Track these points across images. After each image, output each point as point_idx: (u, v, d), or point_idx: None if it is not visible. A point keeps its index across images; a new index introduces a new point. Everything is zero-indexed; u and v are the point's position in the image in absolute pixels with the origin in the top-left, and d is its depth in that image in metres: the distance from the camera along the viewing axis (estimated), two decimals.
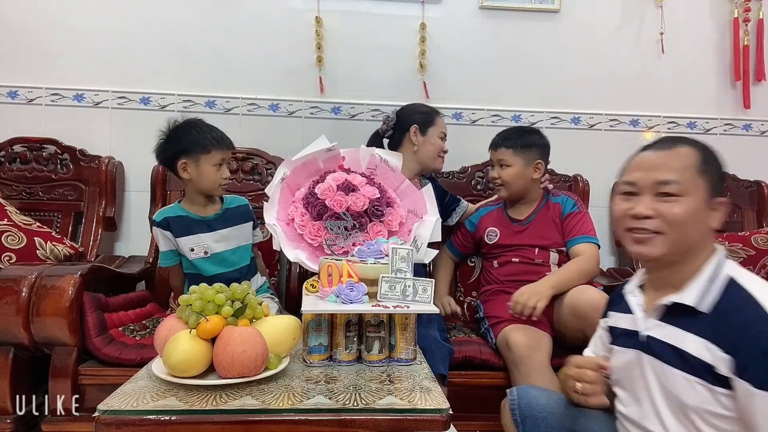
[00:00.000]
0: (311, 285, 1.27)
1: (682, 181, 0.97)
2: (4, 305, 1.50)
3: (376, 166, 1.63)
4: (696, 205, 0.97)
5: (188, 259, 1.74)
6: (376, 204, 1.52)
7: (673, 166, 0.98)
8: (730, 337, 0.89)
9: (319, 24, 2.37)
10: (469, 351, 1.69)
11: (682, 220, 0.96)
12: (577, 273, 1.72)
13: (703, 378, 0.91)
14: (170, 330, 1.08)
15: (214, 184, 1.71)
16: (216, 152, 1.68)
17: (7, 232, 1.92)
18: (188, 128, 1.70)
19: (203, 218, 1.75)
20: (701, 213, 0.97)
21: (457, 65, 2.44)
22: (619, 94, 2.50)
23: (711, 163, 0.99)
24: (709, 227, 0.99)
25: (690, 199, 0.97)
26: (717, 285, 0.96)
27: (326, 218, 1.48)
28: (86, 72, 2.31)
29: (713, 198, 0.98)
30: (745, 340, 0.87)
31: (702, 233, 0.99)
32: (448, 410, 0.97)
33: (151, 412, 0.93)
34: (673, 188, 0.97)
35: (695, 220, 0.97)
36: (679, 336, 0.96)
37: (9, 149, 2.21)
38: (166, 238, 1.73)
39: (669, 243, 0.98)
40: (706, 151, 1.01)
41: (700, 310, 0.94)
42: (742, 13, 2.48)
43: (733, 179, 2.42)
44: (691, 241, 0.99)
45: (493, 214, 1.99)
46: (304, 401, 0.98)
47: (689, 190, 0.97)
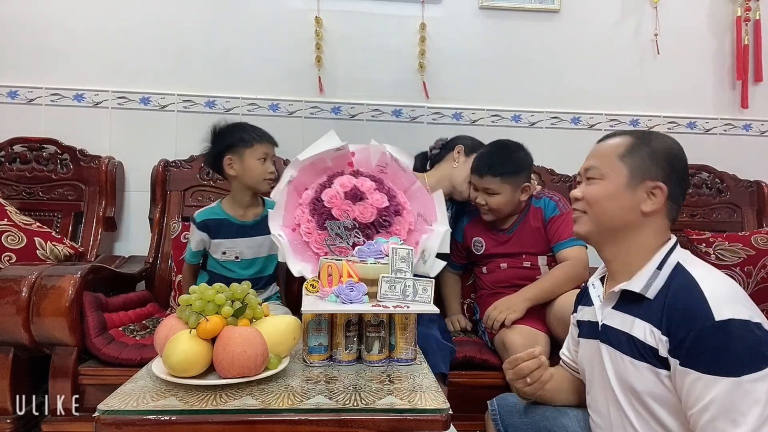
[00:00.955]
0: (311, 285, 1.27)
1: (601, 166, 1.07)
2: (4, 305, 1.50)
3: (387, 164, 1.58)
4: (613, 187, 1.05)
5: (216, 260, 1.77)
6: (384, 214, 1.49)
7: (598, 154, 1.10)
8: (669, 320, 0.93)
9: (318, 24, 2.37)
10: (469, 351, 1.70)
11: (596, 200, 1.06)
12: (563, 280, 1.69)
13: (649, 362, 0.96)
14: (170, 330, 1.08)
15: (259, 178, 1.73)
16: (258, 146, 1.73)
17: (7, 232, 1.92)
18: (231, 128, 1.77)
19: (242, 223, 1.78)
20: (620, 194, 1.04)
21: (457, 65, 2.44)
22: (618, 94, 2.50)
23: (641, 149, 1.05)
24: (638, 211, 1.04)
25: (607, 181, 1.06)
26: (664, 272, 1.00)
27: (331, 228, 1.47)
28: (86, 72, 2.31)
29: (640, 182, 1.03)
30: (680, 321, 0.92)
31: (626, 214, 1.04)
32: (448, 410, 0.97)
33: (151, 412, 0.93)
34: (594, 173, 1.08)
35: (613, 200, 1.05)
36: (629, 322, 1.01)
37: (9, 149, 2.21)
38: (201, 239, 1.76)
39: (590, 221, 1.08)
40: (641, 140, 1.07)
41: (646, 296, 0.99)
42: (744, 12, 2.48)
43: (733, 179, 2.42)
44: (615, 221, 1.05)
45: (478, 223, 1.92)
46: (304, 401, 0.98)
47: (607, 174, 1.06)
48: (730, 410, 0.85)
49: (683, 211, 2.38)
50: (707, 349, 0.88)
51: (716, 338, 0.88)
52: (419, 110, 2.44)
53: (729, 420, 0.85)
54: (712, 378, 0.87)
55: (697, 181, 2.42)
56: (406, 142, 2.37)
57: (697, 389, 0.88)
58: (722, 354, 0.87)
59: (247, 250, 1.77)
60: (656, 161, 1.04)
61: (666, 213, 1.06)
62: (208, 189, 2.24)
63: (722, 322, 0.87)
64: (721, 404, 0.86)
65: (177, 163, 2.25)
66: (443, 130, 2.44)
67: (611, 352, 1.04)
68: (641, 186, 1.04)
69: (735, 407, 0.85)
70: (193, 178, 2.24)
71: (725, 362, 0.87)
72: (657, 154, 1.04)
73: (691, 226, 2.31)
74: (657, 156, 1.04)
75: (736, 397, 0.85)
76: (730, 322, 0.87)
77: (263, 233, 1.75)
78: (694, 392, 0.89)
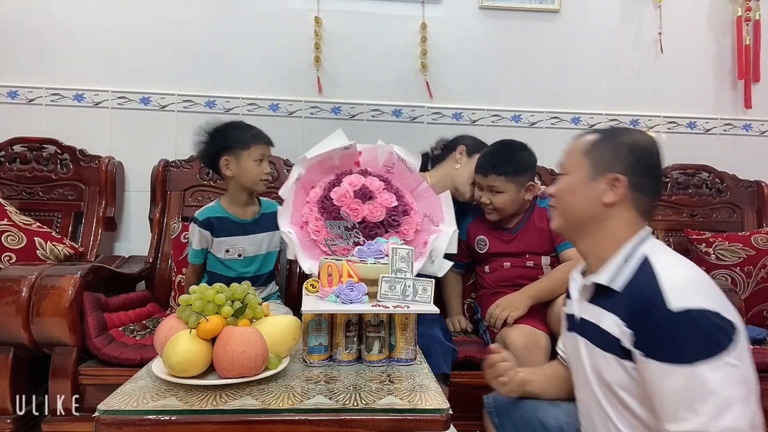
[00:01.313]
0: (311, 285, 1.27)
1: (567, 162, 1.13)
2: (4, 305, 1.50)
3: (394, 164, 1.58)
4: (575, 180, 1.09)
5: (219, 259, 1.78)
6: (392, 214, 1.49)
7: (567, 151, 1.14)
8: (631, 312, 0.96)
9: (318, 24, 2.37)
10: (469, 351, 1.70)
11: (560, 194, 1.12)
12: (564, 279, 1.66)
13: (616, 354, 0.98)
14: (170, 330, 1.08)
15: (256, 179, 1.75)
16: (255, 147, 1.74)
17: (7, 232, 1.92)
18: (228, 128, 1.77)
19: (242, 221, 1.80)
20: (582, 187, 1.07)
21: (457, 65, 2.44)
22: (619, 94, 2.50)
23: (605, 144, 1.08)
24: (599, 202, 1.06)
25: (570, 176, 1.10)
26: (631, 264, 1.01)
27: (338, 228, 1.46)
28: (86, 72, 2.32)
29: (601, 174, 1.06)
30: (639, 313, 0.94)
31: (589, 206, 1.07)
32: (448, 410, 0.97)
33: (151, 412, 0.93)
34: (562, 169, 1.14)
35: (576, 193, 1.08)
36: (599, 315, 1.03)
37: (9, 149, 2.21)
38: (202, 237, 1.76)
39: (559, 215, 1.13)
40: (606, 136, 1.09)
41: (613, 288, 1.01)
42: (744, 12, 2.48)
43: (733, 179, 2.42)
44: (579, 213, 1.09)
45: (482, 222, 1.91)
46: (304, 401, 0.98)
47: (571, 170, 1.11)
48: (688, 398, 0.87)
49: (683, 211, 2.39)
50: (665, 339, 0.90)
51: (672, 328, 0.90)
52: (419, 110, 2.44)
53: (687, 408, 0.87)
54: (670, 367, 0.89)
55: (697, 181, 2.42)
56: (406, 142, 2.36)
57: (658, 379, 0.90)
58: (679, 344, 0.89)
59: (249, 248, 1.79)
60: (617, 154, 1.06)
61: (633, 205, 1.06)
62: (208, 189, 2.24)
63: (678, 313, 0.89)
64: (680, 393, 0.88)
65: (177, 163, 2.25)
66: (443, 130, 2.44)
67: (587, 344, 1.06)
68: (602, 178, 1.06)
69: (693, 396, 0.87)
70: (193, 178, 2.24)
71: (681, 352, 0.88)
72: (619, 148, 1.07)
73: (691, 226, 2.31)
74: (618, 149, 1.07)
75: (693, 385, 0.87)
76: (685, 312, 0.89)
77: (262, 230, 1.81)
78: (656, 382, 0.91)
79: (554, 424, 1.14)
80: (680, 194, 2.41)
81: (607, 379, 1.00)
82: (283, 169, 2.30)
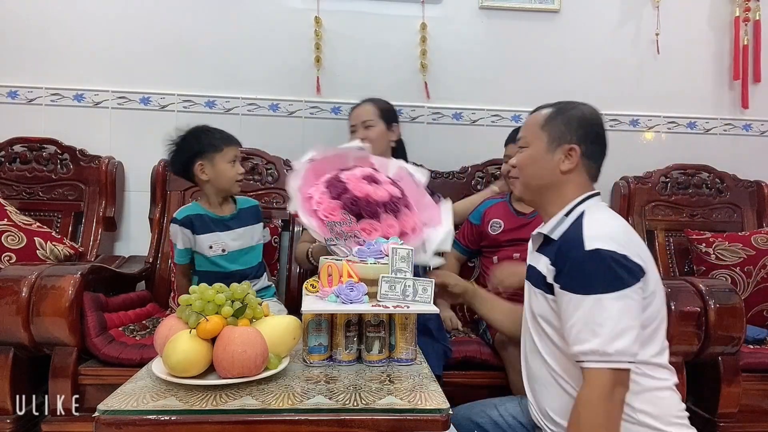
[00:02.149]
0: (311, 285, 1.27)
1: (526, 135, 1.23)
2: (4, 305, 1.50)
3: (402, 178, 1.62)
4: (535, 152, 1.21)
5: (205, 257, 1.79)
6: (395, 201, 1.51)
7: (525, 125, 1.26)
8: (557, 255, 1.11)
9: (318, 24, 2.37)
10: (468, 351, 1.70)
11: (522, 165, 1.23)
12: None
13: (542, 289, 1.14)
14: (170, 330, 1.07)
15: (232, 180, 1.78)
16: (228, 149, 1.77)
17: (7, 232, 1.92)
18: (197, 133, 1.78)
19: (220, 217, 1.82)
20: (542, 159, 1.19)
21: (457, 65, 2.44)
22: (619, 94, 2.50)
23: (560, 117, 1.20)
24: (557, 170, 1.19)
25: (530, 149, 1.22)
26: (570, 219, 1.15)
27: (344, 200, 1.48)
28: (86, 72, 2.32)
29: (558, 146, 1.18)
30: (561, 252, 1.10)
31: (549, 174, 1.19)
32: (448, 410, 0.97)
33: (151, 412, 0.93)
34: (522, 142, 1.24)
35: (536, 164, 1.20)
36: (538, 259, 1.18)
37: (9, 149, 2.21)
38: (184, 236, 1.77)
39: (521, 184, 1.25)
40: (560, 109, 1.21)
41: (552, 237, 1.15)
42: (743, 12, 2.48)
43: (733, 179, 2.42)
44: (541, 182, 1.21)
45: (499, 206, 1.98)
46: (304, 401, 0.98)
47: (531, 142, 1.22)
48: (590, 322, 1.02)
49: (683, 211, 2.39)
50: (578, 273, 1.05)
51: (584, 264, 1.05)
52: (419, 110, 2.44)
53: (589, 330, 1.02)
54: (580, 297, 1.04)
55: (697, 181, 2.42)
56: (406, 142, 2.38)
57: (570, 308, 1.05)
58: (588, 277, 1.04)
59: (232, 243, 1.81)
60: (570, 127, 1.19)
61: (585, 170, 1.19)
62: None
63: (590, 251, 1.04)
64: (585, 318, 1.02)
65: None
66: (443, 130, 2.45)
67: (529, 287, 1.21)
68: (559, 149, 1.18)
69: (594, 320, 1.01)
70: None
71: (590, 283, 1.03)
72: (571, 120, 1.19)
73: (691, 226, 2.31)
74: (571, 122, 1.19)
75: (596, 312, 1.02)
76: (596, 251, 1.04)
77: (242, 225, 1.84)
78: (567, 310, 1.06)
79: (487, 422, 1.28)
80: (680, 194, 2.41)
81: (535, 311, 1.17)
82: (283, 168, 2.30)
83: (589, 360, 1.01)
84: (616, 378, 1.00)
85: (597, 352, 1.00)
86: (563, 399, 1.11)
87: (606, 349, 1.00)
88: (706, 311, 1.59)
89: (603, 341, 1.00)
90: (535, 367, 1.19)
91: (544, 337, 1.15)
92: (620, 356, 1.00)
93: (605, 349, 1.00)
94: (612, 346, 1.00)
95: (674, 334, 1.55)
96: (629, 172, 2.43)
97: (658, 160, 2.46)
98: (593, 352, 1.01)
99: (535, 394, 1.19)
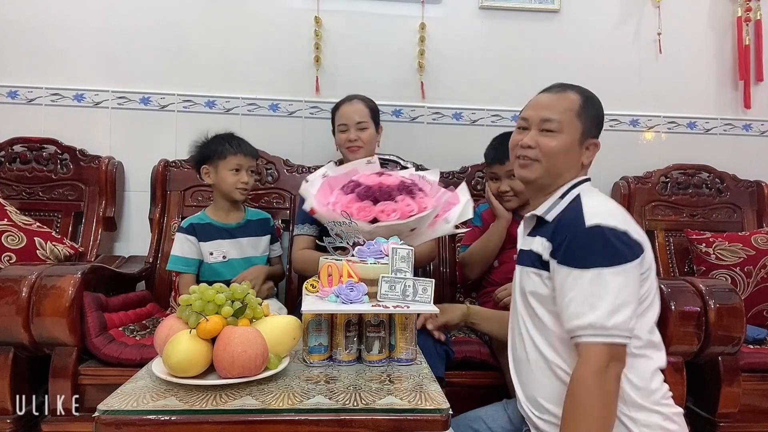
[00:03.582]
0: (311, 285, 1.27)
1: (562, 120, 1.17)
2: (4, 305, 1.50)
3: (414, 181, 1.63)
4: (569, 141, 1.17)
5: (207, 264, 1.84)
6: (408, 185, 1.53)
7: (557, 107, 1.18)
8: (554, 232, 1.11)
9: (318, 24, 2.37)
10: (468, 351, 1.70)
11: (554, 152, 1.17)
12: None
13: (535, 266, 1.14)
14: (170, 330, 1.07)
15: (231, 187, 1.84)
16: (231, 158, 1.84)
17: (7, 232, 1.92)
18: (214, 138, 1.89)
19: (225, 226, 1.89)
20: (573, 149, 1.18)
21: (457, 65, 2.44)
22: (619, 94, 2.49)
23: (589, 108, 1.19)
24: (580, 163, 1.19)
25: (564, 135, 1.17)
26: (565, 201, 1.15)
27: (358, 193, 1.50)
28: (86, 72, 2.32)
29: (586, 139, 1.18)
30: (560, 230, 1.10)
31: (570, 166, 1.19)
32: (448, 410, 0.97)
33: (151, 412, 0.93)
34: (553, 125, 1.17)
35: (566, 154, 1.17)
36: (532, 241, 1.18)
37: (9, 149, 2.21)
38: (189, 243, 1.83)
39: (542, 169, 1.19)
40: (588, 99, 1.21)
41: (546, 219, 1.15)
42: (744, 12, 2.48)
43: (733, 179, 2.42)
44: (561, 171, 1.19)
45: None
46: (304, 401, 0.98)
47: (565, 129, 1.17)
48: (590, 296, 1.01)
49: (683, 211, 2.39)
50: (578, 248, 1.05)
51: (585, 239, 1.05)
52: (419, 110, 2.44)
53: (588, 304, 1.01)
54: (579, 271, 1.03)
55: (697, 181, 2.42)
56: (406, 142, 2.39)
57: (568, 282, 1.05)
58: (588, 251, 1.04)
59: (232, 251, 1.86)
60: (598, 120, 1.20)
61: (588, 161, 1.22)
62: (207, 189, 2.23)
63: (591, 227, 1.05)
64: (584, 292, 1.02)
65: (177, 163, 2.25)
66: (443, 130, 2.45)
67: (521, 269, 1.21)
68: (586, 142, 1.19)
69: (594, 294, 1.01)
70: (193, 178, 2.23)
71: (590, 258, 1.03)
72: (599, 113, 1.21)
73: (691, 226, 2.31)
74: (599, 114, 1.21)
75: (595, 286, 1.02)
76: (597, 227, 1.04)
77: (247, 235, 1.89)
78: (565, 285, 1.05)
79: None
80: (680, 194, 2.41)
81: (526, 289, 1.16)
82: (283, 168, 2.30)
83: (586, 334, 1.01)
84: (612, 353, 1.00)
85: (594, 325, 1.00)
86: (553, 384, 1.10)
87: (604, 322, 0.99)
88: (706, 311, 1.58)
89: (601, 314, 1.00)
90: (522, 351, 1.18)
91: (534, 317, 1.15)
92: (617, 330, 1.00)
93: (603, 322, 0.99)
94: (610, 320, 0.99)
95: (674, 334, 1.55)
96: (629, 172, 2.43)
97: (658, 160, 2.46)
98: (591, 325, 1.00)
99: (522, 381, 1.18)
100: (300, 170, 2.31)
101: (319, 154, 2.34)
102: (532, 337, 1.15)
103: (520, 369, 1.19)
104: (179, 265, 1.84)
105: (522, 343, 1.18)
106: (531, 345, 1.15)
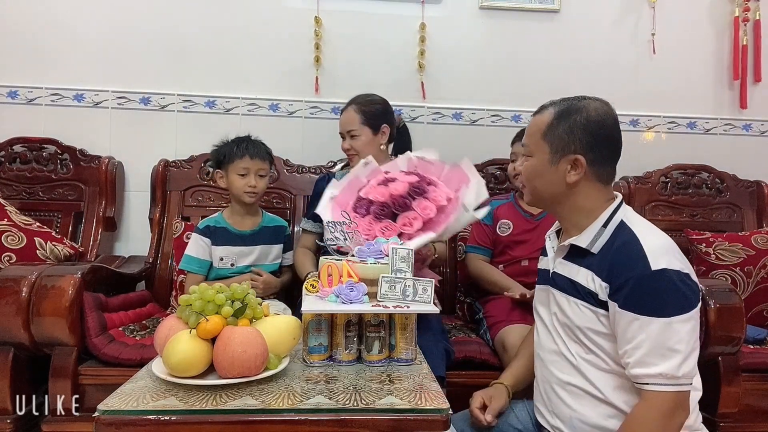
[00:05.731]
0: (311, 285, 1.27)
1: (530, 145, 1.18)
2: (4, 305, 1.50)
3: (416, 166, 1.63)
4: (536, 164, 1.15)
5: (215, 268, 1.83)
6: (416, 185, 1.51)
7: (529, 132, 1.19)
8: (610, 269, 1.06)
9: (318, 24, 2.37)
10: (469, 351, 1.70)
11: (528, 177, 1.19)
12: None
13: (588, 302, 1.09)
14: (170, 330, 1.07)
15: (240, 191, 1.83)
16: (239, 162, 1.82)
17: (7, 232, 1.92)
18: (228, 142, 1.88)
19: (239, 232, 1.87)
20: (545, 171, 1.14)
21: (457, 65, 2.44)
22: (619, 94, 2.48)
23: (561, 125, 1.12)
24: (564, 182, 1.12)
25: (533, 159, 1.16)
26: (609, 229, 1.10)
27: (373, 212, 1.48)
28: (86, 72, 2.32)
29: (562, 156, 1.12)
30: (621, 270, 1.04)
31: (555, 187, 1.14)
32: (448, 410, 0.97)
33: (151, 412, 0.93)
34: (527, 150, 1.19)
35: (541, 177, 1.15)
36: (574, 270, 1.13)
37: (9, 149, 2.21)
38: (203, 245, 1.82)
39: (528, 193, 1.21)
40: (562, 114, 1.13)
41: (591, 251, 1.11)
42: (742, 12, 2.48)
43: (733, 179, 2.42)
44: (548, 193, 1.16)
45: (505, 207, 1.96)
46: (304, 401, 0.98)
47: (534, 152, 1.16)
48: (660, 346, 0.98)
49: (683, 211, 2.39)
50: (644, 293, 1.00)
51: (652, 285, 1.00)
52: (419, 110, 2.44)
53: (658, 354, 0.98)
54: (647, 319, 0.99)
55: (697, 181, 2.42)
56: None
57: (633, 329, 1.01)
58: (656, 298, 1.00)
59: (242, 258, 1.84)
60: (573, 135, 1.11)
61: (594, 177, 1.13)
62: (208, 189, 2.24)
63: (658, 271, 1.00)
64: (654, 341, 0.99)
65: (177, 163, 2.25)
66: (443, 130, 2.45)
67: (557, 294, 1.16)
68: (562, 161, 1.12)
69: (665, 344, 0.98)
70: (193, 178, 2.25)
71: (659, 306, 0.99)
72: (574, 128, 1.11)
73: (691, 226, 2.31)
74: (574, 130, 1.11)
75: (666, 335, 0.98)
76: (664, 271, 1.00)
77: (259, 243, 1.87)
78: (630, 331, 1.01)
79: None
80: (680, 194, 2.41)
81: (575, 322, 1.11)
82: (283, 168, 2.30)
83: (655, 383, 0.99)
84: (678, 400, 0.99)
85: (665, 375, 0.98)
86: (599, 408, 1.09)
87: (675, 373, 0.98)
88: (706, 311, 1.58)
89: (673, 365, 0.98)
90: (561, 374, 1.14)
91: (587, 351, 1.11)
92: (686, 379, 0.99)
93: (674, 373, 0.98)
94: (680, 370, 0.98)
95: None
96: (629, 172, 2.43)
97: (657, 160, 2.46)
98: (662, 375, 0.98)
99: (553, 400, 1.16)
100: (300, 170, 2.31)
101: (319, 154, 2.34)
102: (578, 366, 1.11)
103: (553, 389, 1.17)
104: (193, 265, 1.82)
105: (562, 366, 1.15)
106: (575, 372, 1.12)
